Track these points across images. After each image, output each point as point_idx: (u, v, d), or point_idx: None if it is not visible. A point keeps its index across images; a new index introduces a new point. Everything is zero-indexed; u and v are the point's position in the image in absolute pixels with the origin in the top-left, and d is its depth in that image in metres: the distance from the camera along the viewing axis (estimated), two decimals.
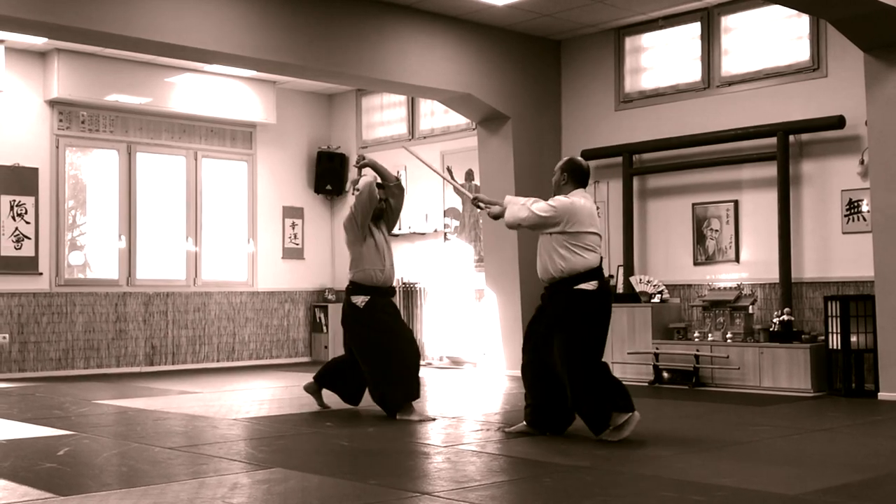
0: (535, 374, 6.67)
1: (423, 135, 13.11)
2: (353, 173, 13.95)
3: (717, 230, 10.37)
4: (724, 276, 10.28)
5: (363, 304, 7.62)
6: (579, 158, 6.86)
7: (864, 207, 9.35)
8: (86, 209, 12.53)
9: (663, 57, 10.96)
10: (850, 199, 9.48)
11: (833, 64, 9.65)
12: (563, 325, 6.42)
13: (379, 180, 7.77)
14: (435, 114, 12.94)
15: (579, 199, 6.54)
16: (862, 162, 9.35)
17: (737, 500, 4.64)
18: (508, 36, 11.31)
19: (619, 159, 11.04)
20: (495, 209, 6.80)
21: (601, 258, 6.59)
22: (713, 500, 4.61)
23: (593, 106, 11.54)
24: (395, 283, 8.00)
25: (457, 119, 12.49)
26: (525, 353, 6.77)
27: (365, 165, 7.83)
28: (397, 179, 7.91)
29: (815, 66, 9.76)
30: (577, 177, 6.70)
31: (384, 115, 13.71)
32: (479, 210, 7.32)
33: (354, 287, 7.70)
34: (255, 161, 13.63)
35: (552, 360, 6.50)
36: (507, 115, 11.26)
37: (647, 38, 11.11)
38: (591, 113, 11.56)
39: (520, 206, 6.62)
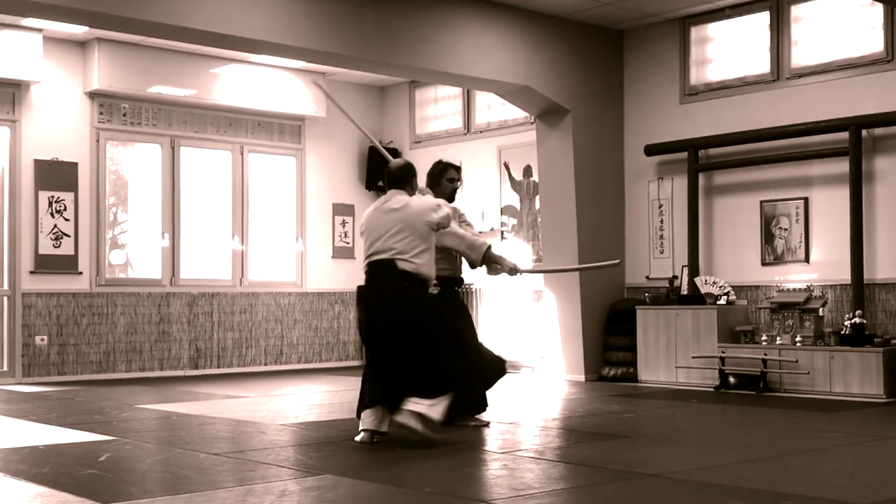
0: None
1: (479, 129, 13.26)
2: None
3: (786, 229, 10.46)
4: (794, 277, 10.37)
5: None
6: (394, 161, 7.22)
7: None
8: (127, 206, 12.78)
9: (730, 48, 11.05)
10: None
11: None
12: None
13: None
14: (491, 107, 13.09)
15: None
16: None
17: None
18: (569, 25, 11.40)
19: (684, 154, 11.15)
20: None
21: (369, 259, 6.77)
22: None
23: (657, 99, 11.65)
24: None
25: (514, 112, 12.62)
26: None
27: None
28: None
29: (890, 57, 9.81)
30: (386, 180, 7.08)
31: (438, 108, 13.87)
32: None
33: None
34: (303, 156, 13.81)
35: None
36: (567, 109, 11.36)
37: (714, 28, 11.21)
38: (654, 106, 11.68)
39: None
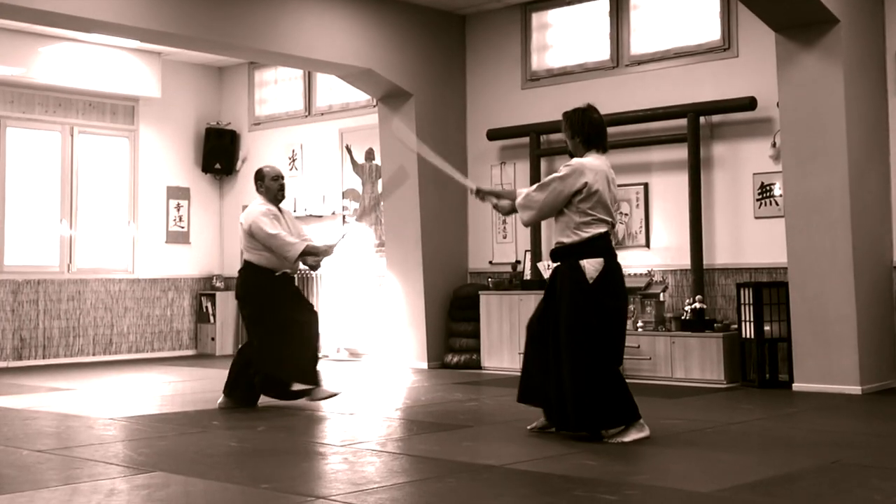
0: None
1: (320, 111, 13.02)
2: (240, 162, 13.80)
3: (626, 214, 10.46)
4: (635, 262, 10.37)
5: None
6: None
7: (777, 191, 9.53)
8: None
9: (571, 34, 11.03)
10: (763, 183, 9.66)
11: (744, 44, 9.81)
12: None
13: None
14: (333, 89, 12.83)
15: None
16: (774, 145, 9.53)
17: (647, 499, 4.68)
18: (412, 9, 11.28)
19: (526, 140, 11.11)
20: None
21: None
22: (624, 499, 4.64)
23: (499, 84, 11.58)
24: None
25: (357, 95, 12.42)
26: None
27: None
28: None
29: (726, 45, 9.91)
30: None
31: (279, 89, 13.57)
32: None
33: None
34: (137, 137, 13.37)
35: None
36: (409, 92, 11.23)
37: (555, 15, 11.17)
38: (497, 91, 11.60)
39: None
